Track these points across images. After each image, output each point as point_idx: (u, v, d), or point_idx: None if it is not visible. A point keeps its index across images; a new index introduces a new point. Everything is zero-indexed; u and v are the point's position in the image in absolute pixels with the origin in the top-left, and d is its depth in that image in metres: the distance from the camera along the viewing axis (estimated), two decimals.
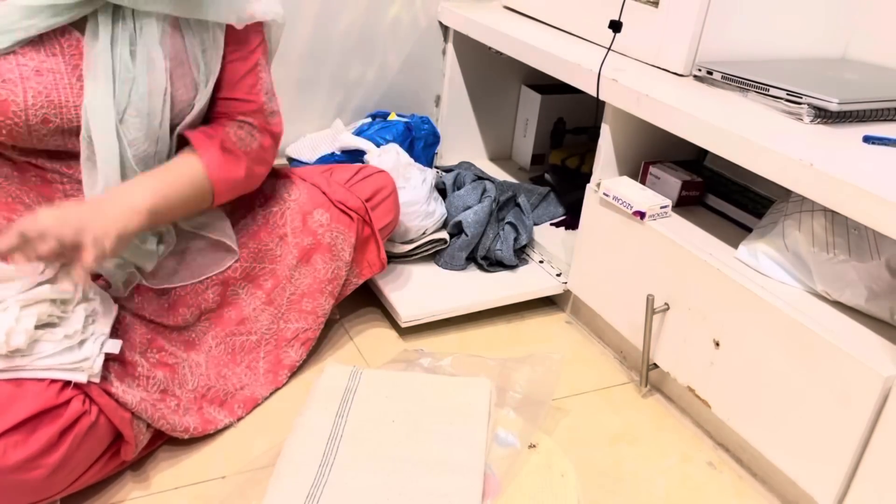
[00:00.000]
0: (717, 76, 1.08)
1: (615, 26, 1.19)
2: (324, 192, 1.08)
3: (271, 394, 1.03)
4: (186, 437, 0.91)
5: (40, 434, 0.74)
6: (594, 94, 1.12)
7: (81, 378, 0.78)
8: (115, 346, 0.83)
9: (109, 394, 0.81)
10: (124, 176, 0.86)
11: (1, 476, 0.71)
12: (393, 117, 1.51)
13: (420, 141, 1.46)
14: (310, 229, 1.05)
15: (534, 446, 0.97)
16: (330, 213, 1.07)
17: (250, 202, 1.05)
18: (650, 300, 1.03)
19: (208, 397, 0.96)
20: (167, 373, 0.92)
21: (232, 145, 0.94)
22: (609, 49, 1.19)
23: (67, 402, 0.77)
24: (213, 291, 1.00)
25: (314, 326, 1.07)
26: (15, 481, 0.73)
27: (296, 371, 1.06)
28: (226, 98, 0.95)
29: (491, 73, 1.64)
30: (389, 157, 1.27)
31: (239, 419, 0.97)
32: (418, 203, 1.25)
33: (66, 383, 0.77)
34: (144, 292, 0.94)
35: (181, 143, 0.93)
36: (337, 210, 1.07)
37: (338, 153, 1.40)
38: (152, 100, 0.85)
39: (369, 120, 1.48)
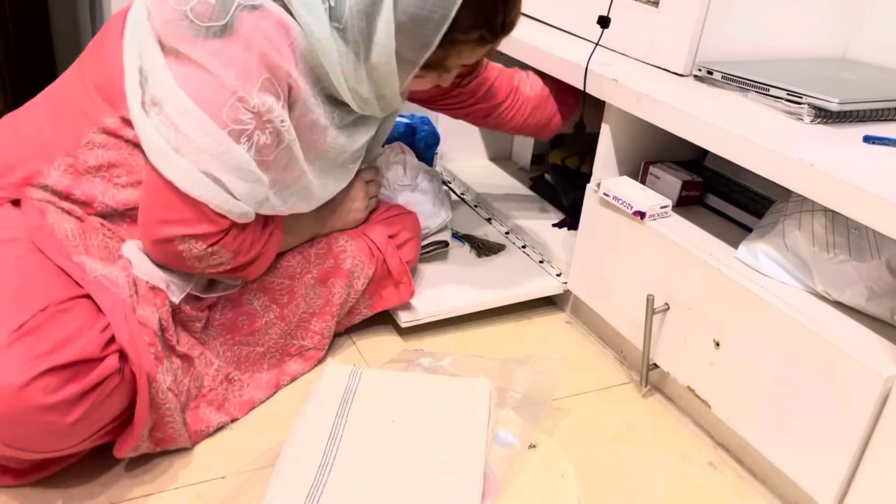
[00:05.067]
0: (717, 76, 1.08)
1: (603, 21, 1.19)
2: None
3: (269, 396, 1.03)
4: (189, 445, 0.92)
5: (75, 384, 0.74)
6: (591, 92, 1.12)
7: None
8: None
9: (152, 377, 0.82)
10: None
11: (28, 414, 0.71)
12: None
13: (421, 142, 1.47)
14: (333, 253, 1.07)
15: (534, 446, 0.97)
16: (355, 242, 1.09)
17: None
18: (650, 300, 1.03)
19: (209, 398, 0.96)
20: (183, 364, 0.92)
21: None
22: (597, 44, 1.19)
23: (104, 357, 0.77)
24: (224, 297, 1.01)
25: (320, 346, 1.09)
26: (40, 423, 0.72)
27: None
28: None
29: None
30: (396, 157, 1.27)
31: (233, 420, 0.98)
32: (422, 203, 1.25)
33: (111, 340, 0.78)
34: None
35: None
36: (362, 242, 1.10)
37: None
38: None
39: None
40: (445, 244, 1.29)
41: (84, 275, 0.82)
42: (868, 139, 0.91)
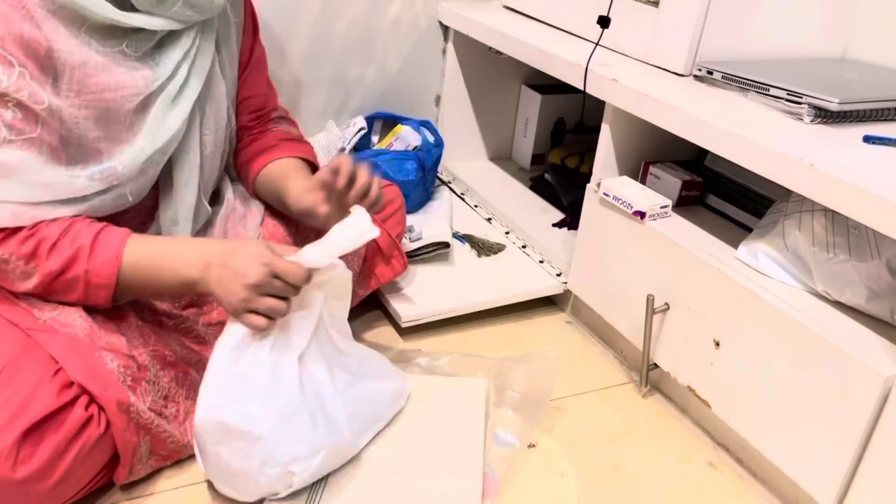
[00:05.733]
0: (717, 76, 1.08)
1: (603, 21, 1.19)
2: None
3: None
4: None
5: (47, 445, 0.73)
6: (591, 92, 1.12)
7: None
8: None
9: (123, 405, 0.80)
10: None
11: (6, 491, 0.70)
12: (399, 129, 1.51)
13: (430, 169, 1.46)
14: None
15: (533, 446, 0.97)
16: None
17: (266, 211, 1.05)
18: (650, 300, 1.03)
19: None
20: (177, 373, 0.91)
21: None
22: (597, 44, 1.19)
23: (68, 404, 0.75)
24: None
25: None
26: (20, 496, 0.72)
27: None
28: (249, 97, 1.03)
29: (491, 73, 1.64)
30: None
31: None
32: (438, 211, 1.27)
33: (70, 383, 0.76)
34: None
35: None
36: None
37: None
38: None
39: (363, 124, 1.47)
40: (446, 245, 1.29)
41: (32, 321, 0.79)
42: (868, 139, 0.91)
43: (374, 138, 1.54)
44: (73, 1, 0.75)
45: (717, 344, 0.96)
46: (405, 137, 1.49)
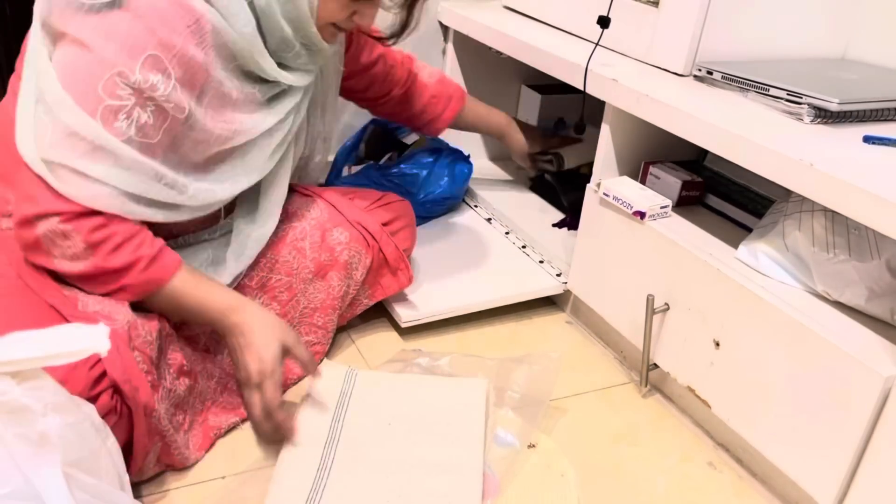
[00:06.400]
0: (717, 76, 1.08)
1: (603, 21, 1.19)
2: (343, 214, 1.09)
3: None
4: (198, 458, 0.91)
5: None
6: (591, 92, 1.12)
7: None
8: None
9: (148, 409, 0.80)
10: None
11: None
12: (423, 142, 1.50)
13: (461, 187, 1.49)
14: (328, 246, 1.06)
15: (533, 446, 0.97)
16: (349, 232, 1.07)
17: None
18: (650, 300, 1.03)
19: (213, 410, 0.96)
20: (191, 382, 0.91)
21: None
22: (597, 44, 1.19)
23: (96, 395, 0.75)
24: None
25: (323, 341, 1.08)
26: None
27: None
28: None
29: (491, 73, 1.63)
30: None
31: (244, 420, 0.97)
32: None
33: (102, 375, 0.76)
34: None
35: None
36: (356, 231, 1.08)
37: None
38: None
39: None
40: None
41: (74, 310, 0.80)
42: (868, 139, 0.91)
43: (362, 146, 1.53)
44: (251, 52, 0.85)
45: (717, 344, 0.96)
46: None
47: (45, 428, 0.63)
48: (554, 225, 1.44)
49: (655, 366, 1.08)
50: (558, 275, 1.29)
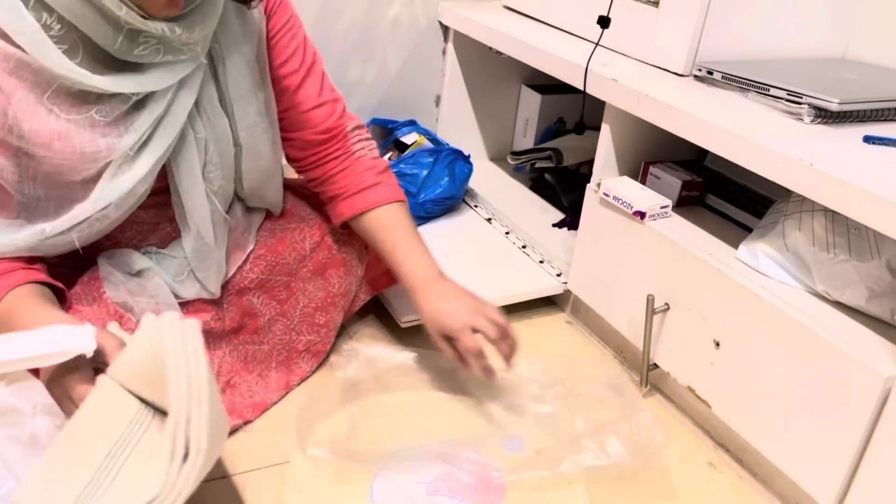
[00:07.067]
0: (717, 76, 1.08)
1: (603, 22, 1.19)
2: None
3: (281, 397, 1.03)
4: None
5: None
6: (591, 92, 1.12)
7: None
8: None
9: None
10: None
11: None
12: (422, 141, 1.50)
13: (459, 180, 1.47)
14: (326, 243, 1.06)
15: (541, 452, 0.97)
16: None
17: (270, 216, 1.05)
18: (650, 300, 1.03)
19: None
20: None
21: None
22: (597, 44, 1.19)
23: None
24: (228, 300, 0.99)
25: (325, 339, 1.08)
26: None
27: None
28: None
29: (491, 73, 1.64)
30: None
31: (247, 422, 0.97)
32: None
33: None
34: None
35: None
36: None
37: None
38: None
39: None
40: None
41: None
42: (868, 139, 0.91)
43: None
44: (33, 60, 0.69)
45: (717, 344, 0.96)
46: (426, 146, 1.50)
47: (35, 430, 0.63)
48: (554, 225, 1.44)
49: (655, 366, 1.08)
50: (558, 275, 1.29)
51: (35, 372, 0.73)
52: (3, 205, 0.78)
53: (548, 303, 1.32)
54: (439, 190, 1.42)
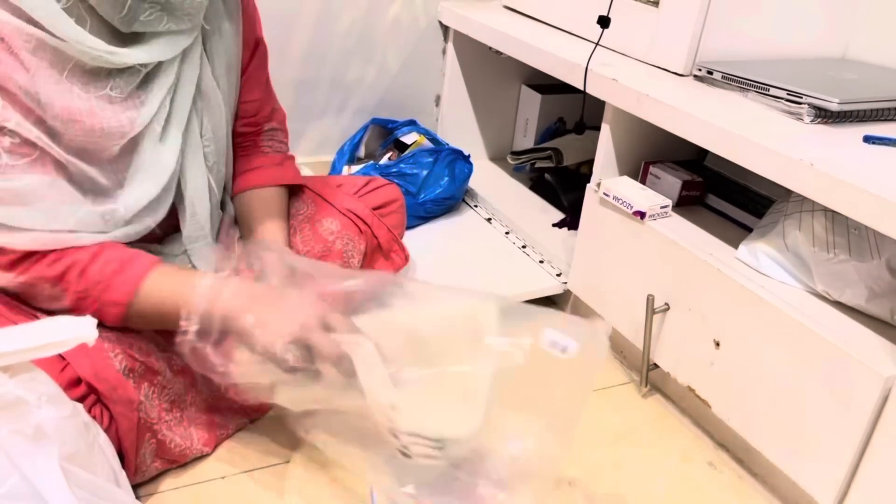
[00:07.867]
0: (717, 76, 1.08)
1: (603, 21, 1.20)
2: (331, 203, 1.08)
3: None
4: (208, 451, 0.91)
5: None
6: (591, 92, 1.12)
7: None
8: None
9: (133, 404, 0.80)
10: None
11: None
12: (422, 141, 1.50)
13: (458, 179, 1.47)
14: (320, 237, 1.05)
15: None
16: (339, 220, 1.06)
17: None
18: (650, 300, 1.03)
19: (226, 400, 0.95)
20: (185, 380, 0.90)
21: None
22: (597, 44, 1.19)
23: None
24: None
25: None
26: None
27: None
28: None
29: (491, 73, 1.64)
30: None
31: (252, 421, 0.97)
32: None
33: (77, 381, 0.76)
34: None
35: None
36: (346, 218, 1.07)
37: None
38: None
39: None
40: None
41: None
42: (868, 139, 0.91)
43: (362, 149, 1.54)
44: (53, 37, 0.71)
45: (717, 344, 0.96)
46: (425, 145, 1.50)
47: (40, 421, 0.63)
48: (554, 225, 1.44)
49: (655, 366, 1.08)
50: (558, 275, 1.29)
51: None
52: (67, 184, 0.78)
53: (548, 303, 1.32)
54: (439, 190, 1.42)
